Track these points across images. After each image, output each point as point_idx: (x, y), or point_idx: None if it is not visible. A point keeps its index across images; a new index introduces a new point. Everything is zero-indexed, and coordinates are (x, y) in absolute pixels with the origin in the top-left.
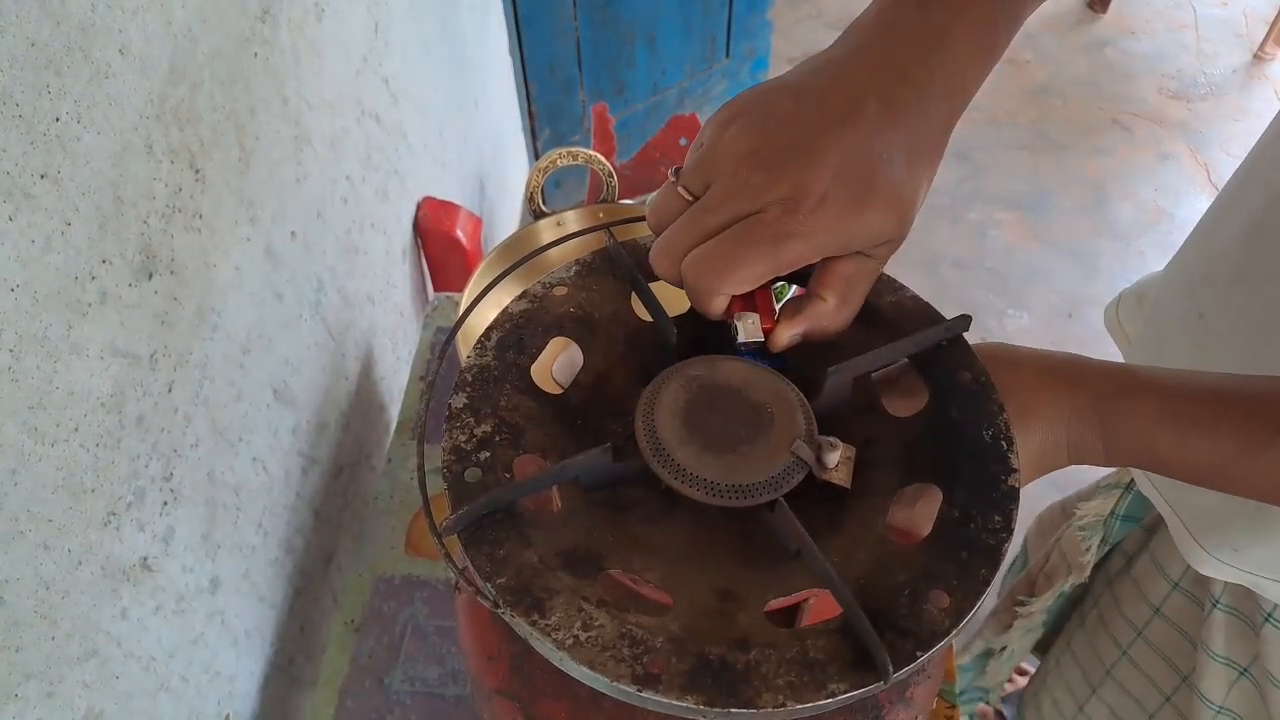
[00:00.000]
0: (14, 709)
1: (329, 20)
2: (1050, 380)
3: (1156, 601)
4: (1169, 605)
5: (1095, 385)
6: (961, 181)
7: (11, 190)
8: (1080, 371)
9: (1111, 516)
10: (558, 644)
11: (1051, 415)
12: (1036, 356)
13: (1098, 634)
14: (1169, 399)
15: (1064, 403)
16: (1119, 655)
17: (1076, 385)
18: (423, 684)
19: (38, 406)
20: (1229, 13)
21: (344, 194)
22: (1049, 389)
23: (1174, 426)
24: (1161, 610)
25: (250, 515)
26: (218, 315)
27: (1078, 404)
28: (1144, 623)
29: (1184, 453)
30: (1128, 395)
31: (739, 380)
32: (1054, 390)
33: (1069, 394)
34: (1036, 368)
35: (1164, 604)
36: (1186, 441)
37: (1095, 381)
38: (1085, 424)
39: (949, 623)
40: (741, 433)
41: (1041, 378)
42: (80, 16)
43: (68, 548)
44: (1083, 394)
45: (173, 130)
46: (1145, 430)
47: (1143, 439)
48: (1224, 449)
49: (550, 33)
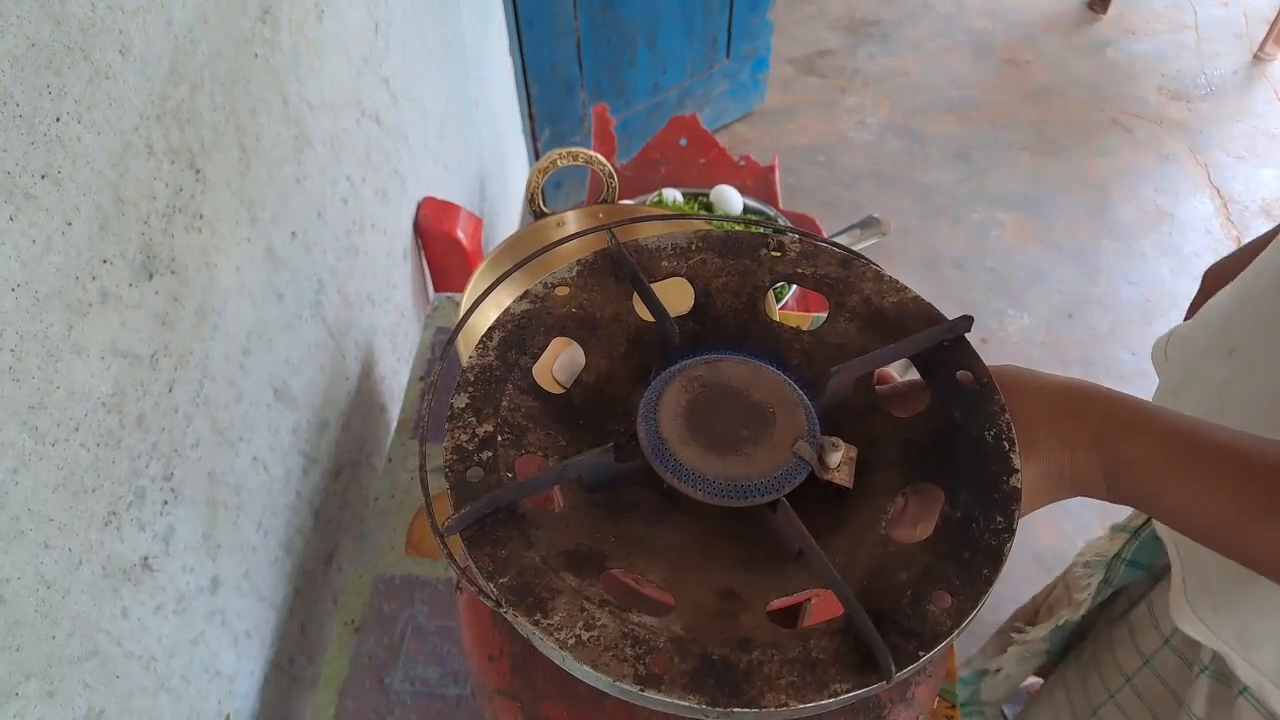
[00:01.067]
0: (15, 708)
1: (329, 21)
2: (1058, 408)
3: (1147, 653)
4: (1159, 659)
5: (1104, 419)
6: (962, 182)
7: (12, 190)
8: (1091, 402)
9: (1117, 559)
10: (560, 644)
11: (1056, 445)
12: (1046, 383)
13: (1090, 673)
14: (1177, 446)
15: (1070, 433)
16: (1106, 698)
17: (1085, 416)
18: (423, 684)
19: (38, 406)
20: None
21: (344, 194)
22: (1056, 418)
23: (1177, 475)
24: (1151, 662)
25: (251, 515)
26: (218, 315)
27: (1083, 436)
28: (1133, 671)
29: (1183, 504)
30: (1135, 434)
31: (741, 380)
32: (1061, 419)
33: (1076, 424)
34: (1046, 394)
35: (1154, 657)
36: (1187, 493)
37: (1104, 415)
38: (1089, 457)
39: (951, 623)
40: (743, 433)
41: (1050, 405)
42: (80, 17)
43: (68, 547)
44: (1090, 426)
45: (173, 131)
46: (1147, 474)
47: (1143, 482)
48: (1224, 509)
49: (551, 33)
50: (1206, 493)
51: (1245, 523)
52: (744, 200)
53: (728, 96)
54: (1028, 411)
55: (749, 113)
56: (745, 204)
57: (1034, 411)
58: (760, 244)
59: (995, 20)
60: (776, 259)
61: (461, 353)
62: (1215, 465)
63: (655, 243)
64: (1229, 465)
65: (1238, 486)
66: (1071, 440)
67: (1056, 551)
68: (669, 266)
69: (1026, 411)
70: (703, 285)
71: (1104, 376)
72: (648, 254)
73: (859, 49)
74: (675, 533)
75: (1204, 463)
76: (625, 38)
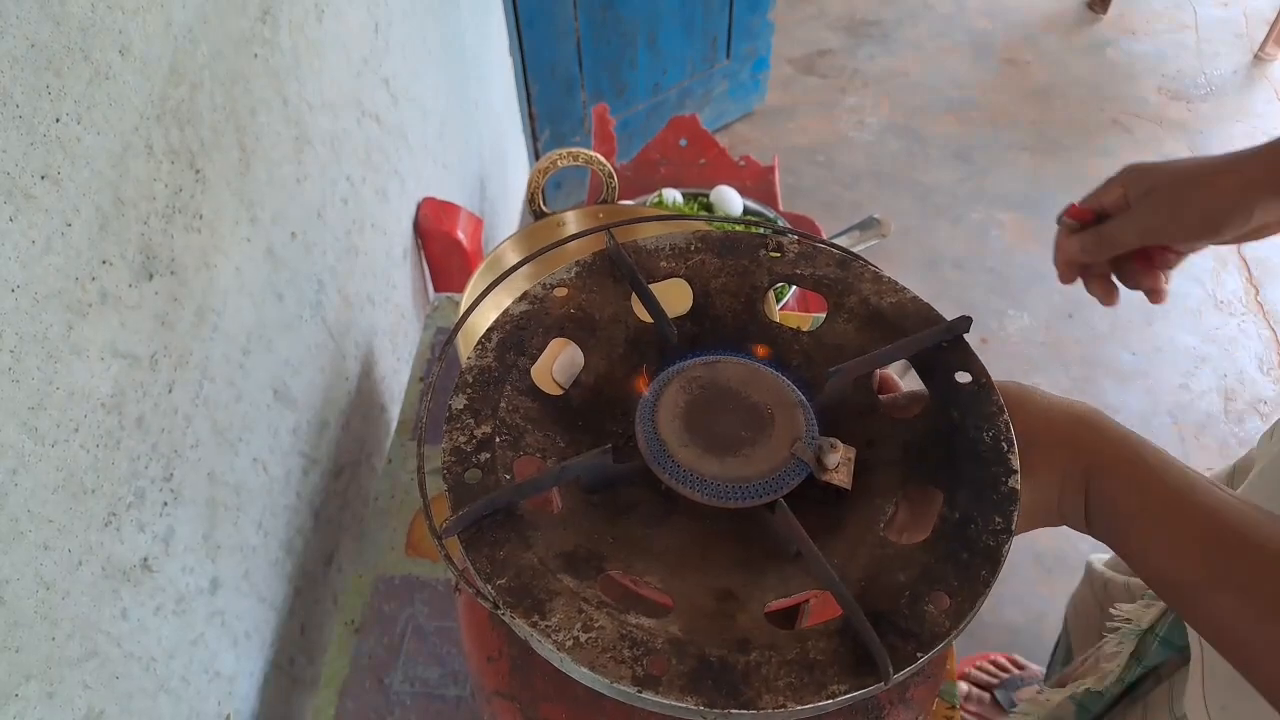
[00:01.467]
0: (14, 709)
1: (329, 21)
2: (1056, 435)
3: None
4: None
5: (1094, 451)
6: (962, 182)
7: (12, 191)
8: (1089, 432)
9: (1151, 634)
10: (558, 645)
11: (1046, 472)
12: (1050, 405)
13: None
14: (1158, 495)
15: (1060, 462)
16: None
17: (1078, 447)
18: (423, 685)
19: (38, 407)
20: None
21: (344, 195)
22: (1052, 444)
23: (1148, 524)
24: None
25: (250, 515)
26: (218, 316)
27: (1074, 467)
28: None
29: (1148, 553)
30: (1119, 473)
31: (739, 381)
32: (1056, 446)
33: (1068, 454)
34: (1047, 417)
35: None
36: (1154, 544)
37: (1096, 448)
38: (1075, 488)
39: (949, 624)
40: (742, 434)
41: (1049, 429)
42: (80, 17)
43: (68, 548)
44: (1081, 458)
45: (173, 131)
46: (1120, 515)
47: (1115, 522)
48: (1185, 570)
49: (551, 33)
50: (1172, 548)
51: (1202, 589)
52: (744, 201)
53: (728, 96)
54: (1028, 432)
55: (749, 113)
56: (745, 205)
57: (1033, 433)
58: (759, 244)
59: (995, 20)
60: (775, 259)
61: (461, 353)
62: (1189, 523)
63: (654, 244)
64: (1203, 527)
65: (1205, 550)
66: (1062, 469)
67: (1057, 552)
68: (668, 267)
69: (1027, 432)
70: (701, 286)
71: (1104, 377)
72: (646, 255)
73: (859, 49)
74: (673, 534)
75: (1180, 518)
76: (625, 38)
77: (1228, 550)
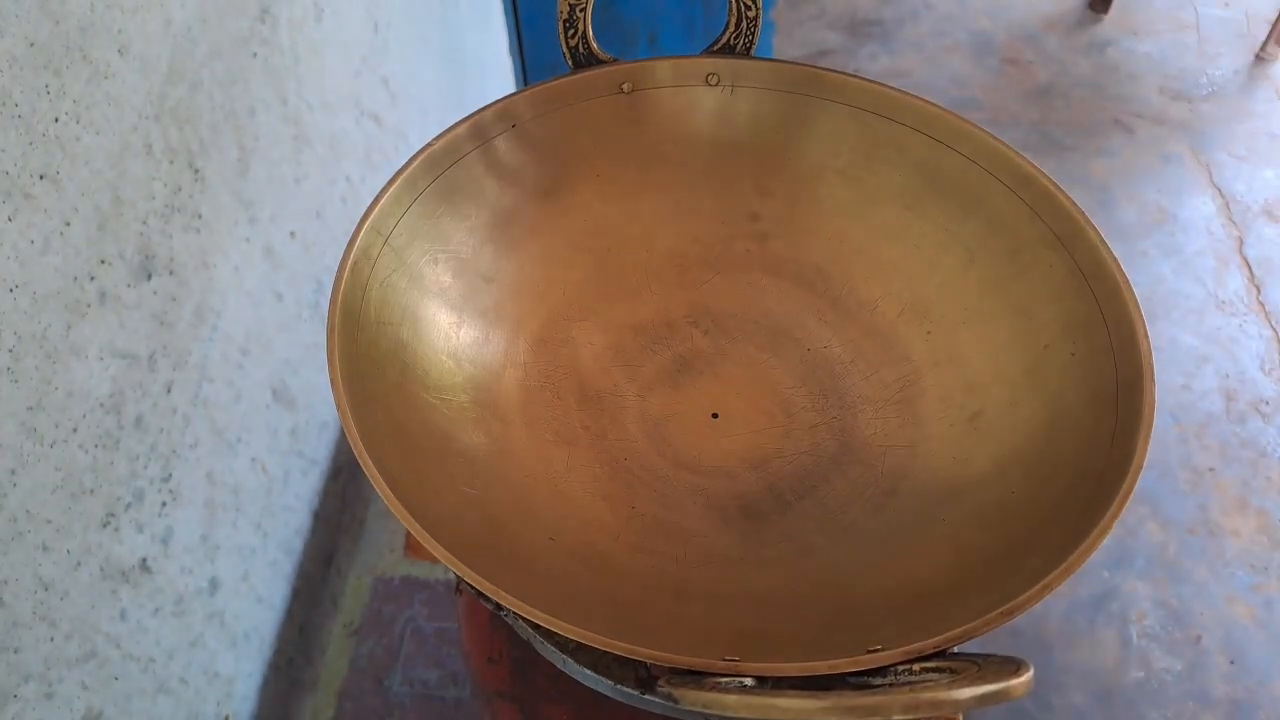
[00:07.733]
0: (13, 710)
1: (329, 20)
2: None
3: None
4: None
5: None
6: None
7: (11, 190)
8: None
9: None
10: (561, 646)
11: None
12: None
13: None
14: None
15: None
16: None
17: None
18: (422, 686)
19: (37, 407)
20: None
21: (343, 194)
22: None
23: None
24: None
25: (249, 516)
26: (217, 316)
27: None
28: None
29: None
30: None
31: None
32: None
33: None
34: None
35: None
36: None
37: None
38: None
39: None
40: None
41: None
42: (79, 16)
43: (67, 549)
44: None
45: (172, 130)
46: None
47: None
48: None
49: (551, 33)
50: None
51: None
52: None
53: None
54: None
55: None
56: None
57: None
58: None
59: (996, 20)
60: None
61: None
62: None
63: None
64: None
65: None
66: None
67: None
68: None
69: None
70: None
71: None
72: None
73: (860, 49)
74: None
75: None
76: (625, 38)
77: None
